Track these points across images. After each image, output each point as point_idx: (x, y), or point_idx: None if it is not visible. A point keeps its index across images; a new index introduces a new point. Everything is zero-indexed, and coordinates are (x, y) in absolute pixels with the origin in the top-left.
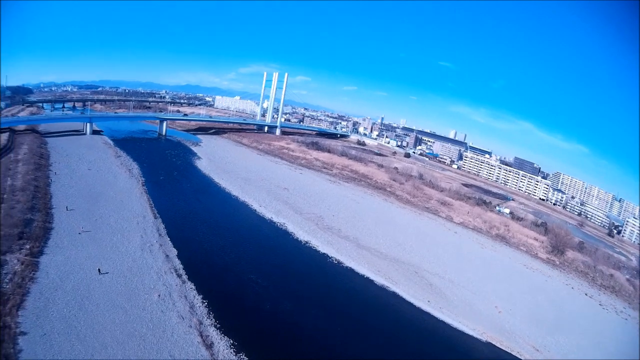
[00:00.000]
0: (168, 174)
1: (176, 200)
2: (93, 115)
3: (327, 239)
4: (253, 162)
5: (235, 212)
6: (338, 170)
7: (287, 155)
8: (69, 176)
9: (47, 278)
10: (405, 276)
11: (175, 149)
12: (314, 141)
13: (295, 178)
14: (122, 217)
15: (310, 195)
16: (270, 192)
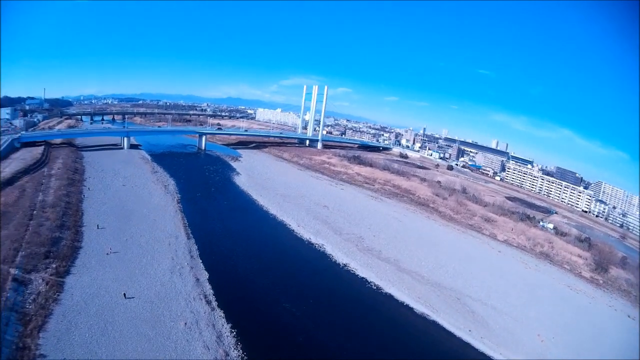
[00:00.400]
0: (205, 191)
1: (211, 219)
2: (130, 130)
3: (367, 262)
4: (293, 177)
5: (272, 232)
6: (380, 185)
7: (328, 170)
8: (102, 192)
9: (71, 300)
10: (447, 303)
11: (214, 164)
12: (355, 155)
13: (335, 194)
14: (153, 237)
15: (351, 214)
16: (309, 211)
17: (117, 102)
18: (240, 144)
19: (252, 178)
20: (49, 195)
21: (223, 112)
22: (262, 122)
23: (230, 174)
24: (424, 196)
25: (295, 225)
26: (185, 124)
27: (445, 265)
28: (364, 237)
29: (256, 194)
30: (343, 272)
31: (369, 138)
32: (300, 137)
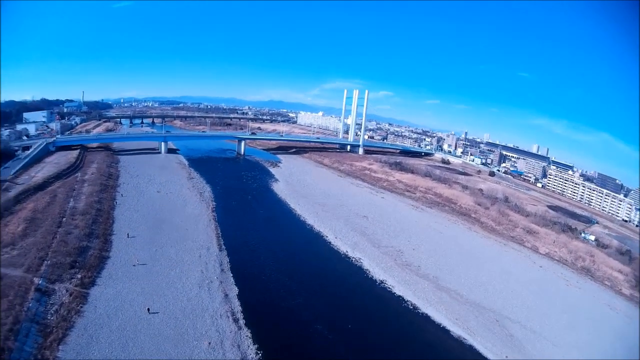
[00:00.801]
0: (241, 199)
1: (246, 230)
2: (168, 135)
3: (405, 279)
4: (333, 185)
5: (308, 245)
6: (421, 193)
7: (368, 177)
8: (135, 199)
9: (94, 313)
10: (485, 326)
11: (252, 170)
12: (397, 161)
13: (375, 203)
14: (184, 248)
15: (391, 225)
16: (347, 221)
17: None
18: (280, 149)
19: (291, 185)
20: (80, 201)
21: (264, 115)
22: (304, 126)
23: (268, 180)
24: (465, 205)
25: (333, 237)
26: (225, 128)
27: (486, 283)
28: (403, 250)
29: (294, 202)
30: (379, 290)
31: (411, 143)
32: (341, 143)
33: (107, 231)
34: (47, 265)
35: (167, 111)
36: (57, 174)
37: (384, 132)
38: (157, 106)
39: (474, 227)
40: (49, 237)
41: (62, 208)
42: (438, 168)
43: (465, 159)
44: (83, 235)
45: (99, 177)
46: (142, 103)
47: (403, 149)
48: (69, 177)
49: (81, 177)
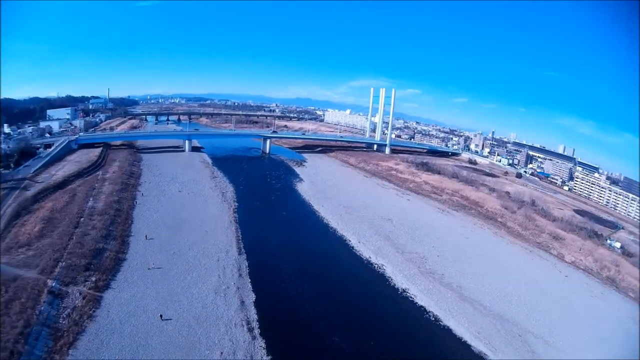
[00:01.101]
0: (264, 199)
1: (267, 232)
2: (191, 133)
3: (428, 287)
4: (358, 185)
5: (330, 250)
6: (448, 195)
7: (395, 177)
8: (156, 199)
9: (106, 318)
10: (507, 340)
11: (277, 170)
12: (424, 161)
13: (401, 206)
14: (202, 251)
15: (416, 229)
16: (372, 224)
17: (185, 101)
18: (306, 148)
19: (315, 185)
20: (99, 201)
21: (291, 113)
22: (331, 125)
23: (293, 180)
24: (492, 209)
25: (356, 241)
26: (252, 126)
27: (510, 293)
28: (428, 257)
29: (318, 204)
30: (401, 300)
31: (438, 142)
32: (367, 142)
33: (125, 232)
34: (61, 267)
35: (193, 108)
36: (78, 172)
37: (411, 131)
38: (184, 103)
39: (500, 232)
40: (65, 238)
41: (80, 208)
42: (465, 169)
43: (492, 159)
44: (100, 236)
45: (120, 176)
46: (168, 100)
47: (430, 148)
48: (89, 176)
49: (102, 176)
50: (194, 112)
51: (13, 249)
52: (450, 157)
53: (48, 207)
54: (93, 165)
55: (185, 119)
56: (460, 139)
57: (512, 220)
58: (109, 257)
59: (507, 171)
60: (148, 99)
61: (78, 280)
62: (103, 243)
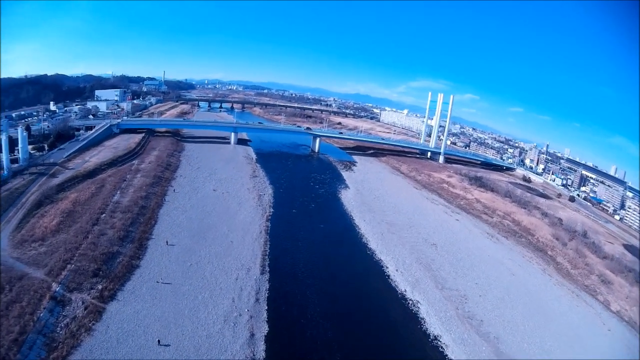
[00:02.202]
0: (303, 207)
1: (298, 249)
2: (238, 126)
3: (463, 337)
4: (406, 198)
5: (364, 277)
6: (499, 218)
7: (446, 191)
8: (187, 197)
9: (104, 334)
10: None
11: (323, 172)
12: (477, 176)
13: (448, 227)
14: (222, 266)
15: (461, 259)
16: (413, 249)
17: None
18: (358, 149)
19: (361, 194)
20: (126, 195)
21: (348, 109)
22: (386, 125)
23: (338, 186)
24: (543, 239)
25: (393, 268)
26: (305, 120)
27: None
28: (469, 296)
29: (360, 217)
30: (431, 349)
31: (493, 154)
32: (421, 148)
33: (145, 234)
34: (69, 269)
35: (249, 96)
36: (112, 160)
37: (467, 139)
38: (241, 90)
39: (548, 269)
40: (80, 237)
41: (104, 202)
42: (519, 187)
43: (546, 178)
44: (117, 238)
45: (155, 167)
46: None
47: (485, 160)
48: (123, 165)
49: (137, 166)
50: (247, 101)
51: (27, 242)
52: (505, 172)
53: (71, 199)
54: (130, 153)
55: (238, 107)
56: (515, 150)
57: (562, 254)
58: (121, 262)
59: (561, 193)
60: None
61: (84, 287)
62: (118, 246)
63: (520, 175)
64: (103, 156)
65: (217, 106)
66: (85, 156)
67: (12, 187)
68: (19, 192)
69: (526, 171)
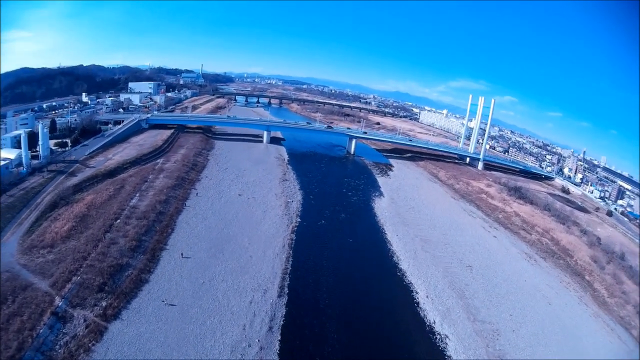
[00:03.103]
0: (333, 217)
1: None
2: (271, 124)
3: None
4: (443, 210)
5: (390, 305)
6: (537, 235)
7: (484, 203)
8: (210, 202)
9: (103, 356)
10: None
11: (357, 177)
12: (517, 186)
13: (485, 246)
14: (237, 286)
15: (497, 284)
16: (447, 271)
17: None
18: (395, 152)
19: (395, 204)
20: (145, 198)
21: (387, 107)
22: (425, 125)
23: (372, 194)
24: (581, 261)
25: (424, 294)
26: (342, 119)
27: None
28: (501, 330)
29: (392, 230)
30: None
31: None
32: (460, 154)
33: (159, 244)
34: (75, 282)
35: (288, 91)
36: (136, 158)
37: (506, 143)
38: (280, 85)
39: (585, 297)
40: (90, 245)
41: (120, 206)
42: (557, 199)
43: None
44: (128, 248)
45: (180, 167)
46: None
47: (524, 168)
48: (147, 164)
49: (161, 165)
50: (285, 96)
51: (36, 248)
52: (543, 181)
53: (87, 201)
54: (156, 150)
55: (275, 103)
56: (553, 157)
57: (599, 279)
58: (130, 277)
59: (599, 207)
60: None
61: (87, 303)
62: (129, 257)
63: (559, 185)
64: (127, 154)
65: (254, 101)
66: (109, 153)
67: (29, 185)
68: (35, 192)
69: (565, 181)
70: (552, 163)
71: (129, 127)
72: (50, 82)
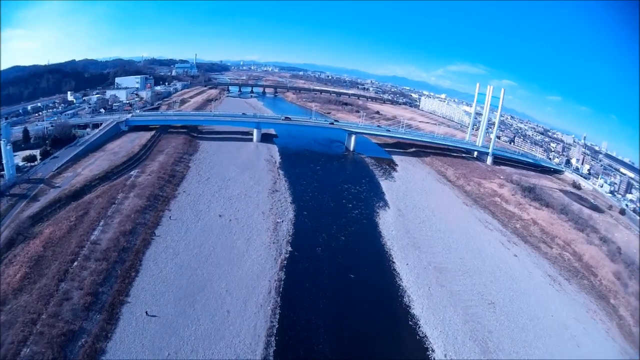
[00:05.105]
0: (331, 242)
1: (318, 326)
2: (262, 121)
3: None
4: (456, 221)
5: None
6: (558, 249)
7: (499, 209)
8: (184, 228)
9: None
10: None
11: (358, 181)
12: (530, 186)
13: (506, 270)
14: (210, 356)
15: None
16: (467, 313)
17: (278, 70)
18: (398, 146)
19: (403, 217)
20: (109, 228)
21: (386, 93)
22: (426, 113)
23: (375, 204)
24: (605, 280)
25: (441, 352)
26: (340, 109)
27: None
28: None
29: (402, 257)
30: None
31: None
32: (467, 148)
33: (119, 297)
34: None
35: (284, 79)
36: (106, 172)
37: (512, 133)
38: (276, 72)
39: (612, 328)
40: (42, 302)
41: (80, 242)
42: (571, 197)
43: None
44: (82, 305)
45: (155, 181)
46: (261, 67)
47: (534, 162)
48: (119, 178)
49: (134, 180)
50: (280, 85)
51: None
52: (553, 175)
53: (45, 236)
54: (131, 159)
55: (270, 92)
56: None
57: (624, 303)
58: (83, 347)
59: (612, 204)
60: (241, 65)
61: None
62: (83, 319)
63: (569, 180)
64: (98, 166)
65: (248, 91)
66: (79, 167)
67: None
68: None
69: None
70: (558, 152)
71: (106, 132)
72: (38, 80)
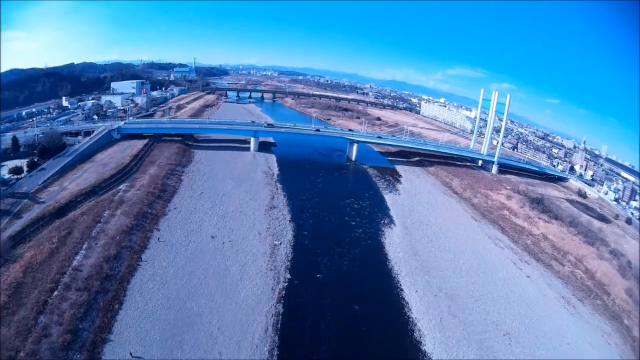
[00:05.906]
0: (333, 266)
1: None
2: (259, 129)
3: None
4: (465, 239)
5: None
6: (570, 266)
7: (509, 224)
8: (173, 252)
9: None
10: None
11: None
12: (538, 197)
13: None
14: None
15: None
16: (482, 348)
17: (277, 74)
18: (400, 155)
19: (410, 235)
20: (93, 251)
21: (385, 98)
22: (428, 119)
23: (380, 221)
24: (618, 298)
25: None
26: (340, 115)
27: None
28: None
29: (410, 284)
30: None
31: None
32: (472, 156)
33: (101, 335)
34: None
35: (283, 83)
36: (93, 186)
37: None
38: (276, 76)
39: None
40: (20, 337)
41: (61, 268)
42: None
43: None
44: (60, 344)
45: (144, 197)
46: (260, 71)
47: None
48: (107, 193)
49: (122, 195)
50: (279, 90)
51: None
52: (558, 182)
53: (25, 261)
54: (121, 172)
55: (269, 97)
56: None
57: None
58: None
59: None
60: (240, 69)
61: None
62: None
63: (574, 187)
64: (85, 180)
65: (246, 96)
66: (66, 180)
67: None
68: None
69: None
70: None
71: (97, 140)
72: (34, 85)
